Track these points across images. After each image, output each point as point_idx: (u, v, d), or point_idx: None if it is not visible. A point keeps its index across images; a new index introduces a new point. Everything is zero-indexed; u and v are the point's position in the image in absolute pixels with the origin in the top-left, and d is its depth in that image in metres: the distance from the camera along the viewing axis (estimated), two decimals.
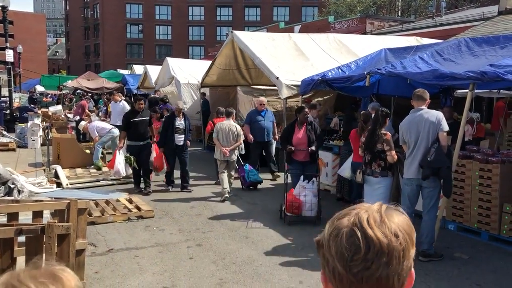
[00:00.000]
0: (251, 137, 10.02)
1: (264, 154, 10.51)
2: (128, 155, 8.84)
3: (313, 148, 7.37)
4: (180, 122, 9.07)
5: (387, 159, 5.82)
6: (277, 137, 9.97)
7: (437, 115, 5.51)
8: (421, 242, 5.53)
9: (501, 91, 8.88)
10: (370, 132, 6.05)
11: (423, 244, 5.51)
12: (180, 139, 8.99)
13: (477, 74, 5.36)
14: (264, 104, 10.32)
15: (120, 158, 8.82)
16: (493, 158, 6.30)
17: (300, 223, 6.89)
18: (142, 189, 8.86)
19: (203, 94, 15.16)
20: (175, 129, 8.94)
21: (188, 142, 9.26)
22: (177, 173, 9.25)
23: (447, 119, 7.45)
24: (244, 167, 9.26)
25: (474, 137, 9.36)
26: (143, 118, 8.99)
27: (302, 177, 7.08)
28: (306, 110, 7.71)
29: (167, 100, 16.57)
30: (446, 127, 5.44)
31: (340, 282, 1.00)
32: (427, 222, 5.58)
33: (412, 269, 1.03)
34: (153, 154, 9.18)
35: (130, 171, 8.96)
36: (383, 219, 1.03)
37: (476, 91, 5.99)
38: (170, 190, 9.07)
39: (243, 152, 10.27)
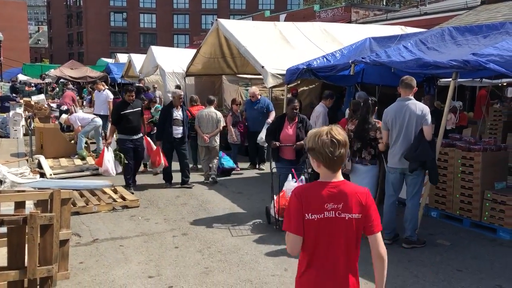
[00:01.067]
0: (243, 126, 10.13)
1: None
2: (117, 151, 8.12)
3: (298, 143, 6.61)
4: (178, 113, 8.44)
5: (378, 147, 5.86)
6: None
7: (423, 108, 5.52)
8: (404, 229, 5.62)
9: (484, 80, 9.00)
10: (361, 120, 6.02)
11: (407, 231, 5.60)
12: (178, 131, 8.41)
13: (460, 63, 5.41)
14: (255, 96, 10.02)
15: (108, 155, 8.00)
16: (475, 146, 6.40)
17: None
18: (129, 186, 8.20)
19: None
20: (173, 121, 8.35)
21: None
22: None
23: (428, 107, 7.58)
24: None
25: (457, 125, 9.50)
26: (135, 110, 8.22)
27: (290, 176, 6.38)
28: (296, 104, 6.80)
29: (145, 89, 16.42)
30: (430, 121, 5.47)
31: (328, 160, 2.33)
32: (410, 209, 5.66)
33: None
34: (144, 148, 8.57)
35: (121, 169, 8.15)
36: (339, 131, 2.36)
37: (459, 80, 6.06)
38: (169, 186, 8.54)
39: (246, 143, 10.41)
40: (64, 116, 12.87)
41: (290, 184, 6.21)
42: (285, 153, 6.73)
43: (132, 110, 8.13)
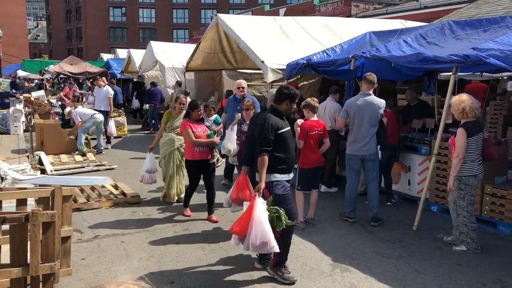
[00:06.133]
0: (220, 128, 8.14)
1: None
2: (273, 203, 4.45)
3: None
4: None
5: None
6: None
7: (380, 103, 6.29)
8: (370, 208, 6.32)
9: (484, 73, 8.98)
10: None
11: (373, 209, 6.29)
12: None
13: (460, 57, 5.41)
14: (242, 88, 8.01)
15: (261, 210, 4.27)
16: None
17: None
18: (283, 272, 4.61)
19: (179, 83, 14.77)
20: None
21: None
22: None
23: (411, 101, 7.79)
24: None
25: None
26: (288, 128, 4.78)
27: None
28: None
29: (156, 84, 16.38)
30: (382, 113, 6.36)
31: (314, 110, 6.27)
32: (373, 190, 6.36)
33: None
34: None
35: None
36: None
37: (459, 74, 6.06)
38: None
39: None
40: (68, 108, 12.80)
41: None
42: None
43: (288, 128, 4.77)
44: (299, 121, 6.21)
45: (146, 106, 16.43)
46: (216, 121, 7.44)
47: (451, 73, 5.88)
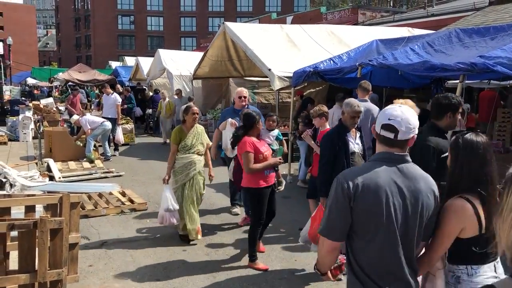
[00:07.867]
0: (214, 151, 6.59)
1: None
2: None
3: None
4: (355, 142, 4.91)
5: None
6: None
7: (373, 108, 6.46)
8: None
9: (491, 81, 8.97)
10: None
11: None
12: None
13: (467, 65, 5.40)
14: (244, 98, 6.65)
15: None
16: None
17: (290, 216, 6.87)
18: None
19: (189, 99, 14.80)
20: (349, 157, 4.72)
21: None
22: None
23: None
24: None
25: (466, 127, 9.45)
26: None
27: None
28: None
29: (158, 91, 16.49)
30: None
31: None
32: None
33: None
34: None
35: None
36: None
37: (466, 81, 6.04)
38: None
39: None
40: (75, 116, 12.87)
41: None
42: None
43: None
44: (309, 131, 6.24)
45: (149, 111, 16.87)
46: (278, 138, 5.80)
47: (458, 81, 5.87)
